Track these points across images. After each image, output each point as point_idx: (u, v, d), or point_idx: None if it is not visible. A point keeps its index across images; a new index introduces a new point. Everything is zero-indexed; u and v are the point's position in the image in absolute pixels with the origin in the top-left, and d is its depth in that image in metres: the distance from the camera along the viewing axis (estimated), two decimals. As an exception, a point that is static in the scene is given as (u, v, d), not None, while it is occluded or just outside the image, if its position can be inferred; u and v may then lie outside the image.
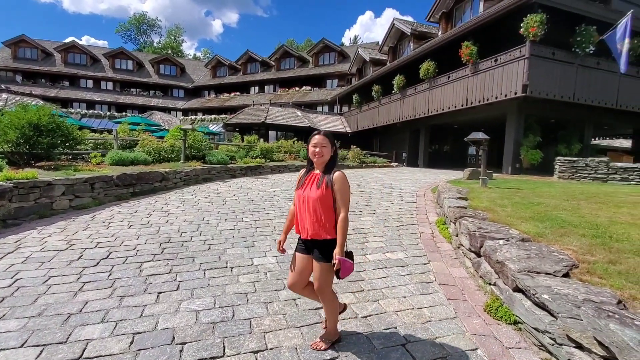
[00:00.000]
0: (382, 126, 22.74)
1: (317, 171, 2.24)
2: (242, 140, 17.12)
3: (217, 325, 2.52)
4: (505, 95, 12.38)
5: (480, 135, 7.14)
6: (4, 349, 2.20)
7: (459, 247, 4.27)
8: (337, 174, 2.17)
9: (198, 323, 2.53)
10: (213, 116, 35.31)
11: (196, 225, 5.26)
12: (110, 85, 38.43)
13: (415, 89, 18.10)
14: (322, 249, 2.13)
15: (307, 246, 2.23)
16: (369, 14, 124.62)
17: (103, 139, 11.28)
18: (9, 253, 3.95)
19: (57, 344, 2.26)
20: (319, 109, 32.86)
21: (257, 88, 38.79)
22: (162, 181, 8.14)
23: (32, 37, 36.89)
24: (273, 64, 38.11)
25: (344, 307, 2.55)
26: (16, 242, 4.35)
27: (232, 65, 40.39)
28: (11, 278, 3.28)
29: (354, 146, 20.23)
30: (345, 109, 31.16)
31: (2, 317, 2.58)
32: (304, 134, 24.40)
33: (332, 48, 34.86)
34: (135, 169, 8.09)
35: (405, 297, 3.04)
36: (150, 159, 9.59)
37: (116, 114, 33.52)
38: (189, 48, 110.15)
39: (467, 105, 14.29)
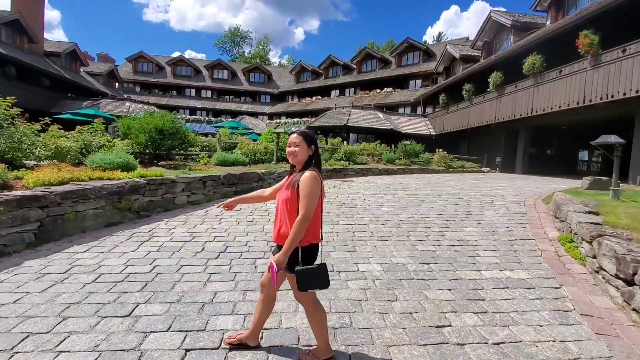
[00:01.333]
0: (471, 128, 21.09)
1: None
2: (326, 143, 17.45)
3: (337, 331, 2.50)
4: (637, 92, 10.37)
5: (612, 138, 6.03)
6: (154, 331, 2.42)
7: (597, 272, 3.63)
8: (305, 173, 1.97)
9: (319, 327, 2.54)
10: (295, 119, 36.80)
11: (296, 225, 5.43)
12: (208, 94, 42.88)
13: (516, 86, 16.30)
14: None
15: (277, 249, 2.08)
16: (454, 8, 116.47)
17: (208, 142, 12.54)
18: (145, 241, 4.55)
19: (197, 331, 2.45)
20: (401, 110, 31.83)
21: (337, 91, 39.33)
22: (259, 181, 8.68)
23: (148, 53, 43.13)
24: (354, 66, 38.21)
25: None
26: (149, 231, 5.00)
27: (314, 70, 41.69)
28: (150, 264, 3.74)
29: (440, 149, 19.13)
30: (429, 110, 29.68)
31: (148, 300, 2.89)
32: (386, 136, 23.94)
33: (416, 47, 33.51)
34: (236, 169, 8.79)
35: (541, 325, 2.65)
36: (247, 160, 10.35)
37: (213, 119, 37.14)
38: (273, 56, 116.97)
39: (583, 103, 12.35)
